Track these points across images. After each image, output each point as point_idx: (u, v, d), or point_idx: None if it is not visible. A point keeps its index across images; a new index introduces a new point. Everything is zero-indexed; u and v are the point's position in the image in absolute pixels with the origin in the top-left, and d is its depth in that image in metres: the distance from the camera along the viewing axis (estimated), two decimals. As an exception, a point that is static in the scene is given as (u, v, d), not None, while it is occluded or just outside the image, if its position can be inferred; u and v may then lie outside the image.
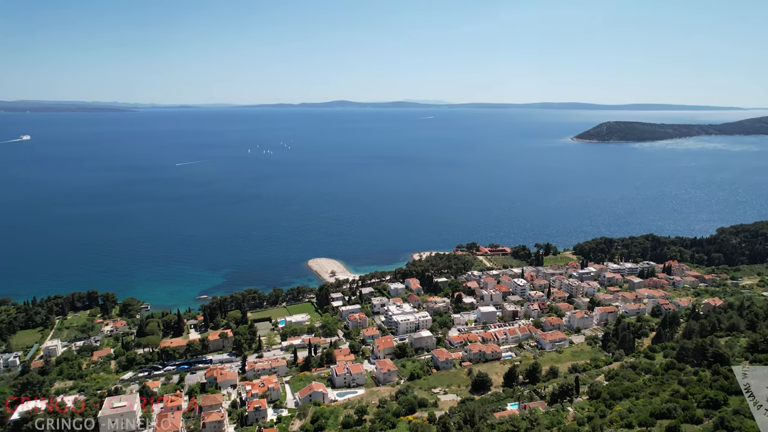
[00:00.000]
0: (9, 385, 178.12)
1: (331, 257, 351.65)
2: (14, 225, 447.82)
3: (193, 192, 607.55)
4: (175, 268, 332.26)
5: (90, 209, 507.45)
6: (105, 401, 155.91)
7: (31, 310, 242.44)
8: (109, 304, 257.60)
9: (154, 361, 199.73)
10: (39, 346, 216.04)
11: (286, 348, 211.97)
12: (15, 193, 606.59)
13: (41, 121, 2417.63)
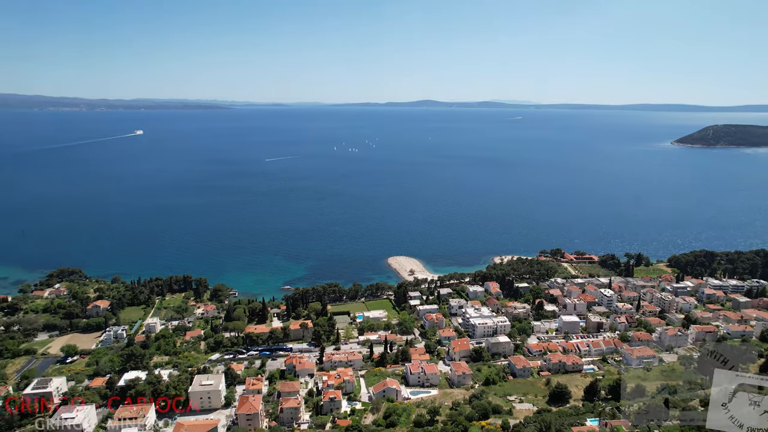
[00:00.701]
0: (117, 354, 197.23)
1: (410, 256, 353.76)
2: (125, 212, 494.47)
3: (281, 186, 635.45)
4: (262, 258, 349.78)
5: (189, 199, 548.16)
6: (195, 378, 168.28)
7: (137, 289, 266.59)
8: (202, 288, 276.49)
9: (239, 346, 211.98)
10: (142, 322, 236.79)
11: (362, 342, 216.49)
12: (128, 182, 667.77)
13: (152, 117, 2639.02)
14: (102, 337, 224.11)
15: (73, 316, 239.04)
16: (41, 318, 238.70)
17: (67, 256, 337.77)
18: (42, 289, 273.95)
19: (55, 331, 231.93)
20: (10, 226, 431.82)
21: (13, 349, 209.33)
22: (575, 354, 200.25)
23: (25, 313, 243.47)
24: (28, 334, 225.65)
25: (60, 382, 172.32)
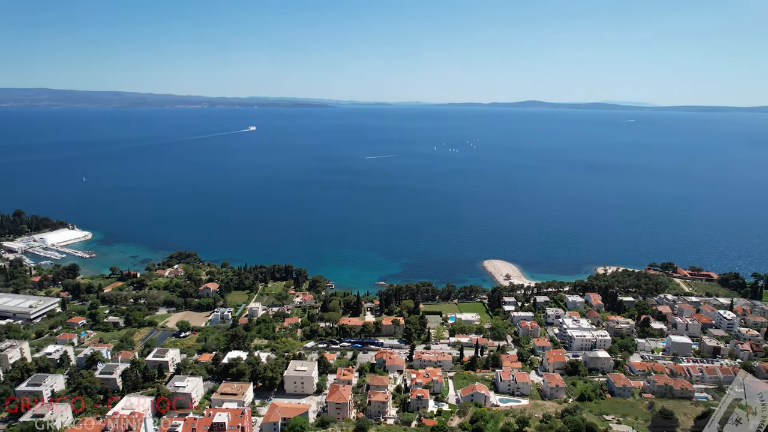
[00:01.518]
0: (223, 334, 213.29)
1: (507, 260, 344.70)
2: (237, 202, 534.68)
3: (380, 184, 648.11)
4: (359, 253, 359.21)
5: (294, 193, 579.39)
6: (290, 363, 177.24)
7: (243, 274, 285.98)
8: (301, 278, 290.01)
9: (333, 336, 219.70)
10: (245, 306, 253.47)
11: (453, 344, 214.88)
12: (240, 174, 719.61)
13: (265, 114, 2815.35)
14: (210, 316, 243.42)
15: (187, 295, 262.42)
16: (162, 295, 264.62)
17: (185, 240, 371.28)
18: (164, 269, 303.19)
19: (173, 307, 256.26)
20: (140, 210, 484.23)
21: (140, 320, 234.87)
22: (685, 379, 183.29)
23: (149, 289, 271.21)
24: (151, 307, 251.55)
25: (175, 354, 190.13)
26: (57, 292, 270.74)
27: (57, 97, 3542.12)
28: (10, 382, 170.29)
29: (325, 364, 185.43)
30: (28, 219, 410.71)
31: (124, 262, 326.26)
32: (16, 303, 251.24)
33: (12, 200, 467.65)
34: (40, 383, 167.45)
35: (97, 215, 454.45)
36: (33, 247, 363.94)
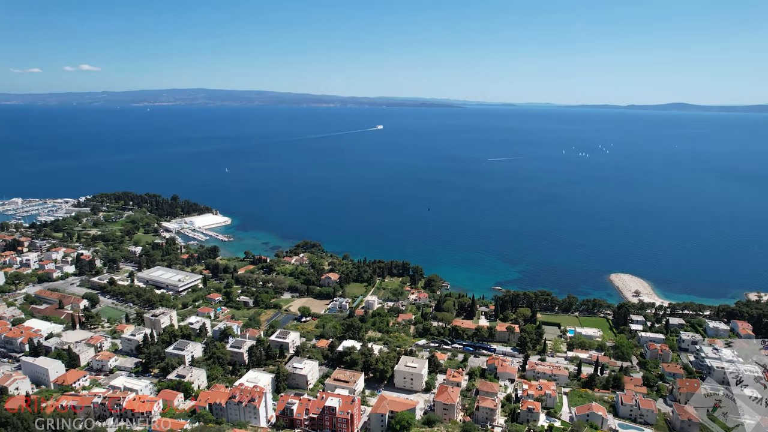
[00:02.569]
0: (340, 323, 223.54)
1: (637, 275, 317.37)
2: (361, 197, 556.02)
3: (501, 186, 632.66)
4: (477, 255, 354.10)
5: (416, 192, 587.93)
6: (401, 358, 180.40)
7: (362, 267, 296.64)
8: (417, 276, 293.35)
9: (445, 336, 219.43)
10: (362, 298, 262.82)
11: (570, 359, 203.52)
12: (367, 171, 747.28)
13: (392, 113, 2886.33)
14: (330, 305, 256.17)
15: (310, 283, 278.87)
16: (287, 280, 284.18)
17: (311, 231, 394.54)
18: (290, 257, 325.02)
19: (296, 293, 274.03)
20: (273, 200, 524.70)
21: (266, 302, 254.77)
22: None
23: (277, 275, 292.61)
24: (277, 291, 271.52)
25: (295, 336, 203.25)
26: (200, 270, 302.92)
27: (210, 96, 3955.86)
28: (161, 344, 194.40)
29: (435, 363, 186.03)
30: (182, 203, 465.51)
31: (256, 248, 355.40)
32: (169, 276, 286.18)
33: (170, 186, 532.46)
34: (183, 348, 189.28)
35: (236, 203, 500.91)
36: (184, 228, 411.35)
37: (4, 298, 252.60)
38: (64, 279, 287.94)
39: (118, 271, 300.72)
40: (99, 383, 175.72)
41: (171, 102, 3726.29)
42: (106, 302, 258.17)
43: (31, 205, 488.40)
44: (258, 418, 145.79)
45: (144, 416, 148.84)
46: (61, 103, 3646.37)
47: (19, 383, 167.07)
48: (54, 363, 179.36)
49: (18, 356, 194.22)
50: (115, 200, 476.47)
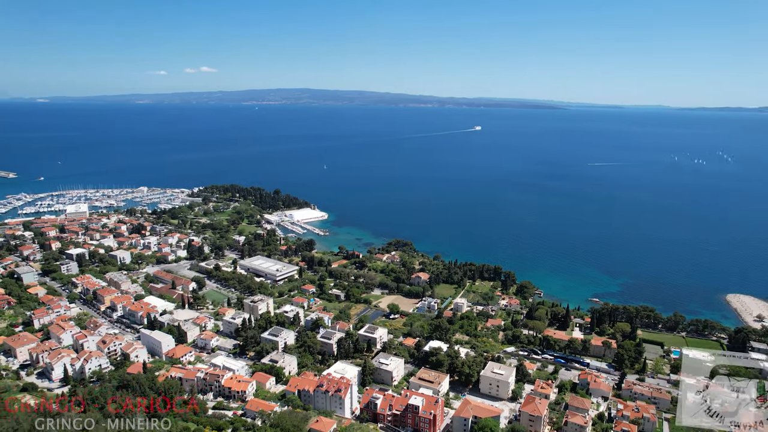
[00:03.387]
0: (427, 322, 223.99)
1: (761, 298, 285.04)
2: (455, 198, 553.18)
3: (603, 193, 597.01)
4: (573, 264, 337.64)
5: (510, 195, 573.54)
6: (488, 364, 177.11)
7: (452, 269, 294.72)
8: (509, 281, 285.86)
9: (535, 345, 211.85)
10: (451, 300, 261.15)
11: (674, 382, 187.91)
12: (462, 172, 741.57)
13: (491, 114, 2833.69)
14: (418, 304, 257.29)
15: (400, 280, 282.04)
16: (378, 277, 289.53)
17: (403, 229, 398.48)
18: (382, 254, 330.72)
19: (386, 289, 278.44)
20: (368, 197, 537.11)
21: (357, 297, 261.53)
22: None
23: (368, 270, 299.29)
24: (368, 287, 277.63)
25: (383, 333, 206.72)
26: (297, 261, 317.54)
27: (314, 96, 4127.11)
28: (257, 329, 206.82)
29: (523, 372, 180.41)
30: (283, 197, 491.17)
31: (350, 243, 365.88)
32: (268, 265, 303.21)
33: (273, 181, 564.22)
34: (277, 335, 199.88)
35: (333, 199, 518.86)
36: (284, 221, 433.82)
37: (129, 275, 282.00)
38: (177, 262, 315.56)
39: (223, 258, 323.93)
40: (202, 360, 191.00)
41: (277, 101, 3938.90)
42: (212, 286, 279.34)
43: (153, 194, 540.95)
44: (343, 409, 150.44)
45: (239, 395, 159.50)
46: (182, 102, 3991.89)
47: (138, 352, 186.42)
48: (166, 337, 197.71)
49: (138, 328, 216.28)
50: (224, 192, 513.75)
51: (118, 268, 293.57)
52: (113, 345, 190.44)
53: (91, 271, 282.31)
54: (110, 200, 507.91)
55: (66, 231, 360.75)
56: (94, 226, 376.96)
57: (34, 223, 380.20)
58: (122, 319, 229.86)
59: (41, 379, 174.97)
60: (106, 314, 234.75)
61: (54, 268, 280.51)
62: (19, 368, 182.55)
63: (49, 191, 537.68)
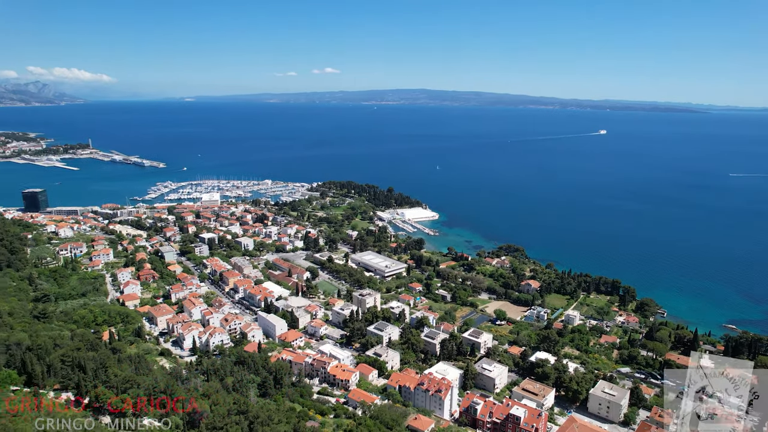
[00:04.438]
0: (535, 332, 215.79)
1: None
2: (570, 204, 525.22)
3: (744, 207, 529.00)
4: (705, 284, 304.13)
5: (635, 205, 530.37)
6: (599, 382, 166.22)
7: (565, 279, 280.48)
8: (628, 297, 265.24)
9: (654, 369, 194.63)
10: (563, 311, 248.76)
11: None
12: (582, 177, 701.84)
13: (617, 118, 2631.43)
14: (527, 312, 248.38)
15: (508, 286, 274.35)
16: (486, 281, 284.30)
17: (514, 234, 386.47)
18: (491, 258, 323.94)
19: (493, 294, 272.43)
20: (480, 200, 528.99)
21: (463, 299, 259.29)
22: None
23: (476, 274, 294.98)
24: (475, 290, 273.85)
25: (488, 338, 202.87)
26: (405, 259, 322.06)
27: (431, 96, 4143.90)
28: (364, 322, 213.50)
29: (638, 396, 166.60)
30: (396, 195, 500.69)
31: (459, 245, 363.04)
32: (378, 261, 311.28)
33: (387, 178, 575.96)
34: (382, 329, 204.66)
35: (445, 200, 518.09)
36: (395, 219, 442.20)
37: (251, 261, 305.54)
38: (294, 252, 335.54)
39: (336, 251, 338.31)
40: (310, 346, 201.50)
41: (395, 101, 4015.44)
42: (324, 276, 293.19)
43: (277, 186, 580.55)
44: (442, 410, 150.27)
45: (342, 383, 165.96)
46: (307, 101, 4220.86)
47: (255, 332, 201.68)
48: (280, 321, 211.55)
49: (256, 310, 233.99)
50: (340, 188, 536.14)
51: (242, 253, 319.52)
52: (234, 323, 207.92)
53: (219, 254, 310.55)
54: (239, 191, 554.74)
55: (201, 217, 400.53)
56: (224, 214, 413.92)
57: (176, 209, 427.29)
58: (243, 301, 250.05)
59: (175, 347, 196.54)
60: (230, 295, 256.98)
61: (189, 249, 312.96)
62: (158, 335, 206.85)
63: (190, 180, 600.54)
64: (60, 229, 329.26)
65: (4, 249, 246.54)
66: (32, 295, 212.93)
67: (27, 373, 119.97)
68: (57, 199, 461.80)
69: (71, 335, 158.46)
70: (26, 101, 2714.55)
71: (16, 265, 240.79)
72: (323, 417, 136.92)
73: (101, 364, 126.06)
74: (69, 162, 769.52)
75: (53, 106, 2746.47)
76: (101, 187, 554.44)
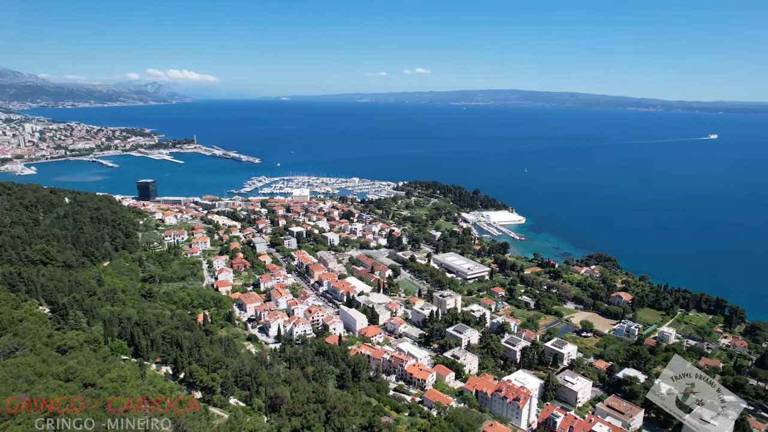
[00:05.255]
0: (624, 347, 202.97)
1: None
2: (670, 214, 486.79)
3: None
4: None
5: (750, 218, 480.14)
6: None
7: (661, 294, 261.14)
8: (735, 318, 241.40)
9: (765, 400, 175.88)
10: (656, 328, 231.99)
11: None
12: (686, 185, 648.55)
13: (732, 121, 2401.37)
14: (616, 326, 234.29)
15: (597, 297, 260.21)
16: (573, 290, 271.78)
17: (606, 243, 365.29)
18: (580, 266, 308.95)
19: (580, 305, 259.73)
20: (570, 206, 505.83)
21: (547, 307, 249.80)
22: None
23: (563, 282, 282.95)
24: (560, 299, 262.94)
25: (572, 349, 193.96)
26: (488, 263, 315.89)
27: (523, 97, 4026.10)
28: (443, 323, 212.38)
29: (745, 429, 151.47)
30: (482, 197, 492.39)
31: (545, 251, 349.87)
32: (460, 263, 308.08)
33: (472, 180, 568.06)
34: (462, 332, 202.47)
35: (532, 204, 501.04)
36: (480, 221, 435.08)
37: (336, 255, 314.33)
38: (377, 249, 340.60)
39: (419, 250, 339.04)
40: (389, 343, 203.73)
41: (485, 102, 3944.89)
42: (405, 275, 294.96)
43: (364, 184, 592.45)
44: (519, 419, 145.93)
45: (419, 382, 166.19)
46: (396, 101, 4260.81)
47: (336, 325, 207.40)
48: (361, 316, 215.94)
49: (338, 304, 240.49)
50: (425, 188, 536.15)
51: (327, 248, 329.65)
52: (317, 315, 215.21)
53: (306, 247, 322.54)
54: (327, 187, 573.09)
55: (290, 211, 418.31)
56: (312, 209, 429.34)
57: (269, 202, 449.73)
58: (326, 294, 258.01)
59: (261, 333, 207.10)
60: (314, 287, 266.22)
61: (279, 241, 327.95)
62: (247, 321, 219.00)
63: (282, 176, 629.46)
64: (166, 217, 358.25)
65: (120, 233, 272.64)
66: (141, 275, 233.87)
67: (134, 345, 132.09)
68: (165, 190, 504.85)
69: (171, 315, 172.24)
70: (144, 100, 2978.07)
71: (129, 247, 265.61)
72: (398, 414, 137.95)
73: (195, 343, 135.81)
74: (176, 155, 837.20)
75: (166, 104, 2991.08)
76: (202, 180, 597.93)
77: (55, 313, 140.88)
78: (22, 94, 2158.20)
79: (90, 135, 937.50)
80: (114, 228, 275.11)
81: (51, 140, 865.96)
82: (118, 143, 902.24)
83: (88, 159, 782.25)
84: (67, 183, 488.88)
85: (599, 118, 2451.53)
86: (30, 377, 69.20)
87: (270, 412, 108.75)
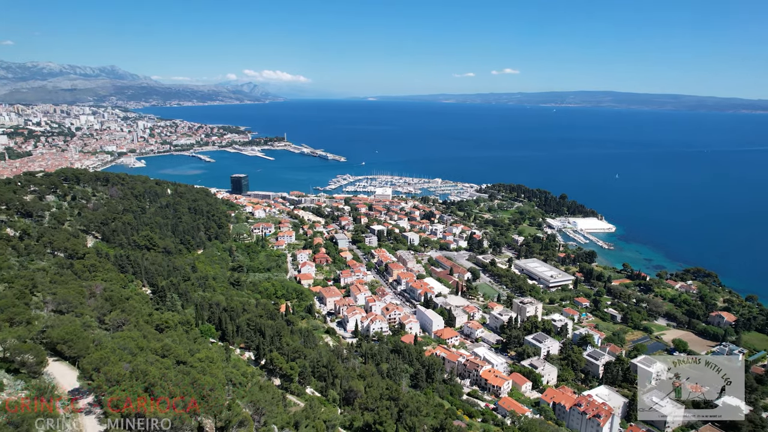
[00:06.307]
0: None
1: None
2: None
3: None
4: None
5: None
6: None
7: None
8: None
9: None
10: (765, 355, 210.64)
11: None
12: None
13: None
14: (715, 348, 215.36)
15: (693, 315, 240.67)
16: (665, 305, 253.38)
17: (706, 258, 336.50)
18: (675, 281, 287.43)
19: (673, 322, 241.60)
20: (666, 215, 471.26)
21: (636, 322, 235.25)
22: None
23: (654, 296, 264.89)
24: (651, 314, 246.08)
25: (662, 369, 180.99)
26: (573, 271, 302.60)
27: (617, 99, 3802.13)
28: (522, 330, 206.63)
29: None
30: (569, 203, 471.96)
31: (636, 262, 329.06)
32: (543, 270, 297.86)
33: (559, 185, 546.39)
34: (542, 341, 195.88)
35: (623, 212, 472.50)
36: (566, 227, 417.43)
37: (415, 255, 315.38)
38: (457, 251, 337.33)
39: (500, 255, 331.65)
40: (465, 346, 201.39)
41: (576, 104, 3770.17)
42: (485, 279, 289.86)
43: (446, 186, 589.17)
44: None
45: (493, 389, 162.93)
46: (483, 102, 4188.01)
47: (412, 325, 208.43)
48: (437, 317, 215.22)
49: (415, 303, 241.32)
50: (509, 191, 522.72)
51: (407, 247, 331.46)
52: (394, 313, 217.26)
53: (386, 246, 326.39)
54: (409, 187, 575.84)
55: (372, 209, 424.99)
56: (394, 208, 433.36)
57: (352, 200, 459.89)
58: (404, 293, 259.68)
59: (339, 327, 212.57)
60: (392, 285, 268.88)
61: (360, 239, 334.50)
62: (326, 314, 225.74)
63: (366, 174, 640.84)
64: (255, 210, 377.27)
65: (213, 224, 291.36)
66: (230, 264, 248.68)
67: (221, 330, 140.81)
68: (255, 184, 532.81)
69: (256, 303, 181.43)
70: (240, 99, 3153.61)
71: (221, 237, 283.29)
72: (470, 419, 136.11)
73: (277, 332, 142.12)
74: (267, 152, 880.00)
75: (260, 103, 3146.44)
76: (290, 176, 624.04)
77: (155, 294, 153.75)
78: (137, 95, 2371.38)
79: (191, 132, 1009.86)
80: (208, 219, 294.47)
81: (158, 136, 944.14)
82: (215, 139, 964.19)
83: (189, 154, 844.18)
84: (169, 176, 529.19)
85: (703, 121, 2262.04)
86: (133, 350, 76.23)
87: (344, 405, 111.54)
